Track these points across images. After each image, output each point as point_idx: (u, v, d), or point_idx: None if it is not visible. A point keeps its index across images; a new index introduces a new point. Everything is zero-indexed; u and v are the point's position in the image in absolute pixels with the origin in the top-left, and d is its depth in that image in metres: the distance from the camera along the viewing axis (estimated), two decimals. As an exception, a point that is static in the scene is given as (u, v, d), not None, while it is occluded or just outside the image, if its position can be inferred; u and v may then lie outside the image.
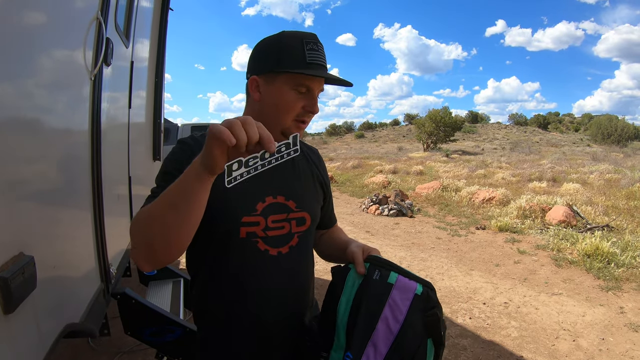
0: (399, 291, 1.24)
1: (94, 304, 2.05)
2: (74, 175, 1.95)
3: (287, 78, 1.26)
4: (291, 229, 1.37)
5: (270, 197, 1.34)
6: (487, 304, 4.81)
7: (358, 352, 1.21)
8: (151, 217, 1.06)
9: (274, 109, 1.30)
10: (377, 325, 1.22)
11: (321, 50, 1.29)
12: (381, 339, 1.21)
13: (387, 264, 1.29)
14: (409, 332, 1.20)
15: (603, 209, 9.44)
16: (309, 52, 1.25)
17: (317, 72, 1.25)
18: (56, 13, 1.69)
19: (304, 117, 1.30)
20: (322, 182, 1.56)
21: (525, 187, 13.61)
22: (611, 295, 5.03)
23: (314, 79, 1.26)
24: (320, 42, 1.31)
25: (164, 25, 4.44)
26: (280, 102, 1.28)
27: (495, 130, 78.81)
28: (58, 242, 1.73)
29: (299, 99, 1.28)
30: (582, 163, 21.56)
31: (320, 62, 1.27)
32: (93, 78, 2.09)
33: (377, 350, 1.20)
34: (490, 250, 7.00)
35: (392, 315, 1.22)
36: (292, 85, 1.26)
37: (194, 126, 15.23)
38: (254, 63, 1.33)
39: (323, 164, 1.63)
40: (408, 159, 27.85)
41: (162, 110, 4.50)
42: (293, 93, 1.27)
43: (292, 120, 1.29)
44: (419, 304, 1.22)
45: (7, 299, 1.16)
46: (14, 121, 1.35)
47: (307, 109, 1.29)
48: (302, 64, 1.24)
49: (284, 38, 1.28)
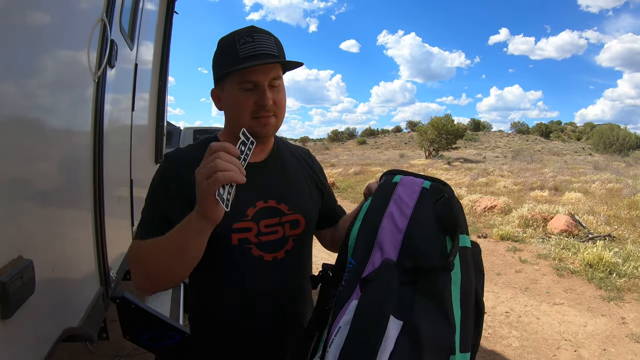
0: (404, 187, 1.13)
1: (93, 308, 2.04)
2: (75, 177, 1.94)
3: (231, 80, 1.25)
4: (285, 232, 1.35)
5: (261, 202, 1.32)
6: (488, 313, 4.78)
7: (363, 257, 1.05)
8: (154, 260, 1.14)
9: (231, 112, 1.31)
10: (382, 223, 1.07)
11: (260, 39, 1.24)
12: (387, 239, 1.03)
13: (398, 171, 1.24)
14: (419, 228, 1.03)
15: (605, 219, 9.40)
16: (242, 47, 1.23)
17: (250, 63, 1.20)
18: (61, 14, 1.68)
19: (259, 112, 1.27)
20: (317, 182, 1.54)
21: (527, 195, 13.59)
22: (613, 306, 5.00)
23: (256, 72, 1.22)
24: (261, 32, 1.27)
25: (168, 28, 4.45)
26: (233, 104, 1.28)
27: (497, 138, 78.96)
28: (58, 245, 1.72)
29: (248, 96, 1.25)
30: (583, 172, 21.51)
31: (257, 52, 1.23)
32: (97, 80, 2.08)
33: (384, 251, 1.02)
34: (492, 259, 6.96)
35: (398, 209, 1.08)
36: (238, 85, 1.25)
37: (197, 130, 15.13)
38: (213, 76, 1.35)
39: (317, 163, 1.62)
40: (410, 166, 27.85)
41: (165, 113, 4.50)
42: (241, 92, 1.25)
43: (249, 119, 1.27)
44: (427, 197, 1.08)
45: (5, 304, 1.14)
46: (16, 121, 1.34)
47: (258, 103, 1.25)
48: (236, 60, 1.22)
49: (221, 42, 1.29)
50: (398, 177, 1.18)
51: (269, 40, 1.26)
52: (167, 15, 4.43)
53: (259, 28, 1.27)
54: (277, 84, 1.29)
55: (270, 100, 1.26)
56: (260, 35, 1.25)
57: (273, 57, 1.25)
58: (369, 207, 1.17)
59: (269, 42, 1.26)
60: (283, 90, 1.33)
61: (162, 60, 4.40)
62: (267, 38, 1.26)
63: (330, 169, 23.57)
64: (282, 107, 1.32)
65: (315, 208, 1.50)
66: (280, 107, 1.31)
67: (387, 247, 1.02)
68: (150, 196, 1.28)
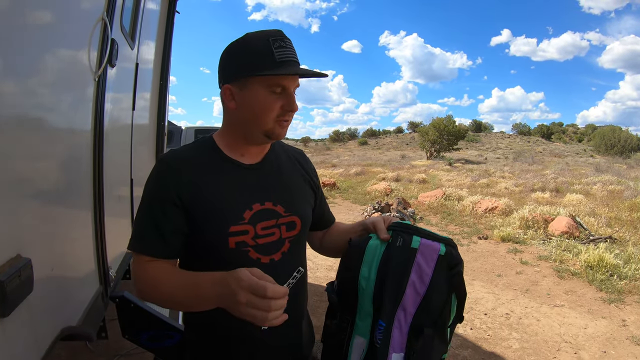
0: (422, 255, 1.29)
1: (92, 307, 2.03)
2: (75, 176, 1.94)
3: (260, 80, 1.23)
4: (281, 234, 1.34)
5: (258, 204, 1.31)
6: (489, 315, 4.78)
7: (390, 319, 1.28)
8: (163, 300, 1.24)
9: (253, 113, 1.27)
10: (406, 291, 1.28)
11: (289, 46, 1.25)
12: (410, 302, 1.28)
13: (409, 229, 1.34)
14: (435, 291, 1.27)
15: (606, 221, 9.39)
16: (278, 50, 1.21)
17: (290, 69, 1.22)
18: (62, 13, 1.68)
19: (284, 116, 1.28)
20: (311, 183, 1.54)
21: (528, 197, 13.58)
22: (613, 308, 4.99)
23: (288, 77, 1.24)
24: (288, 37, 1.27)
25: (170, 27, 4.44)
26: (258, 106, 1.26)
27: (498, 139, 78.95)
28: (57, 244, 1.71)
29: (276, 100, 1.25)
30: (585, 174, 21.50)
31: (291, 58, 1.24)
32: (97, 79, 2.08)
33: (407, 312, 1.28)
34: (492, 260, 6.96)
35: (419, 278, 1.28)
36: (267, 87, 1.24)
37: (198, 129, 15.09)
38: (224, 72, 1.30)
39: (310, 164, 1.61)
40: (411, 167, 27.85)
41: (166, 112, 4.49)
42: (269, 94, 1.24)
43: (273, 121, 1.27)
44: (443, 264, 1.28)
45: (3, 302, 1.14)
46: (15, 120, 1.34)
47: (285, 108, 1.27)
48: (273, 63, 1.21)
49: (250, 40, 1.25)
50: (416, 242, 1.30)
51: (293, 48, 1.27)
52: (168, 14, 4.42)
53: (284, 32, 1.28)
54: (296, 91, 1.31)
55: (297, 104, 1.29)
56: (289, 41, 1.26)
57: (299, 64, 1.27)
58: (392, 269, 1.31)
59: (294, 48, 1.28)
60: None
61: (163, 60, 4.40)
62: (292, 45, 1.27)
63: (331, 170, 23.57)
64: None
65: (310, 209, 1.50)
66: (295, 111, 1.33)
67: (409, 307, 1.28)
68: (146, 203, 1.28)
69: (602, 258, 6.18)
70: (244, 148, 1.36)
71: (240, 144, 1.35)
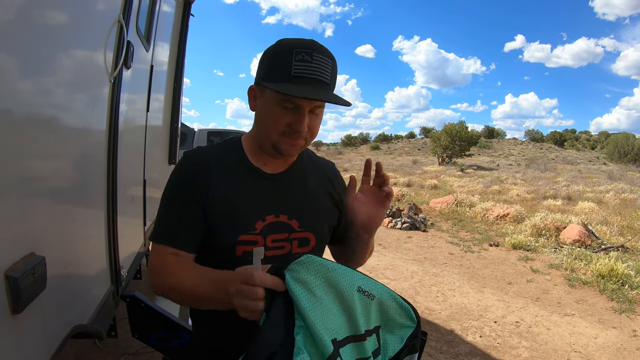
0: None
1: (103, 306, 2.05)
2: (89, 176, 1.95)
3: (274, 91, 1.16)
4: (292, 249, 1.31)
5: (272, 216, 1.28)
6: (498, 323, 4.74)
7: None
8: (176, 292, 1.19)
9: (262, 122, 1.26)
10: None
11: (317, 61, 1.14)
12: None
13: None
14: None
15: (618, 229, 9.31)
16: (297, 64, 1.12)
17: (298, 89, 1.11)
18: (79, 15, 1.70)
19: (291, 134, 1.21)
20: (337, 201, 1.46)
21: (540, 204, 13.48)
22: (624, 318, 4.94)
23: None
24: (321, 52, 1.16)
25: (184, 30, 4.48)
26: (267, 115, 1.23)
27: (511, 146, 78.53)
28: (70, 242, 1.73)
29: (284, 115, 1.18)
30: (597, 182, 21.31)
31: (311, 75, 1.13)
32: (113, 80, 2.09)
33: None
34: (503, 267, 6.91)
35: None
36: (279, 100, 1.17)
37: (210, 131, 15.10)
38: (256, 71, 1.27)
39: (340, 180, 1.53)
40: (423, 172, 27.76)
41: (179, 114, 4.53)
42: (279, 108, 1.18)
43: (278, 136, 1.22)
44: None
45: (16, 299, 1.15)
46: (32, 119, 1.35)
47: (292, 126, 1.19)
48: (286, 76, 1.13)
49: (279, 47, 1.19)
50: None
51: (326, 65, 1.16)
52: (183, 17, 4.46)
53: (321, 46, 1.17)
54: (318, 112, 1.24)
55: (306, 127, 1.19)
56: (319, 56, 1.15)
57: (325, 85, 1.16)
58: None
59: (326, 66, 1.16)
60: (321, 117, 1.27)
61: (177, 62, 4.43)
62: (325, 61, 1.16)
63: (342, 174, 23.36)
64: (315, 133, 1.26)
65: (329, 227, 1.44)
66: (313, 134, 1.25)
67: None
68: (168, 196, 1.28)
69: (614, 267, 6.12)
70: (266, 156, 1.33)
71: (262, 150, 1.32)
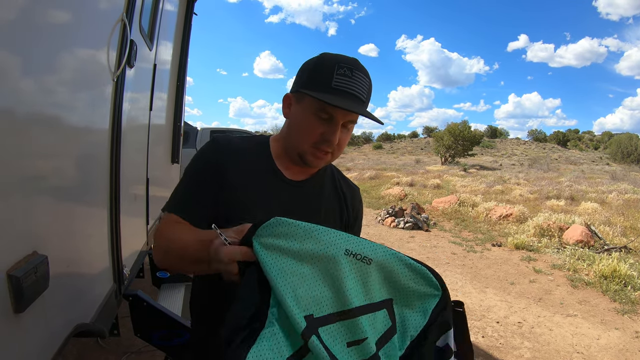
0: None
1: (106, 305, 2.05)
2: (92, 175, 1.96)
3: (312, 100, 1.19)
4: None
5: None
6: (501, 323, 4.74)
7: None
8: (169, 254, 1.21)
9: (295, 129, 1.27)
10: None
11: (357, 78, 1.18)
12: None
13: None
14: None
15: (621, 230, 9.26)
16: (338, 77, 1.16)
17: (337, 100, 1.14)
18: (82, 13, 1.70)
19: (322, 145, 1.23)
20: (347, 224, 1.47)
21: (542, 204, 13.43)
22: (627, 319, 4.92)
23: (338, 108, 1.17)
24: (361, 71, 1.20)
25: (187, 29, 4.48)
26: (301, 124, 1.24)
27: (514, 145, 78.36)
28: (73, 241, 1.73)
29: (318, 125, 1.21)
30: (600, 182, 21.20)
31: (350, 90, 1.17)
32: (116, 79, 2.10)
33: None
34: (506, 268, 6.90)
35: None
36: (315, 109, 1.20)
37: (213, 130, 15.20)
38: (294, 80, 1.29)
39: (358, 204, 1.54)
40: (425, 172, 27.65)
41: (182, 113, 4.53)
42: (314, 117, 1.21)
43: (309, 146, 1.24)
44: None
45: (19, 298, 1.16)
46: (35, 118, 1.35)
47: (324, 136, 1.21)
48: (326, 87, 1.16)
49: (321, 59, 1.22)
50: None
51: (364, 83, 1.20)
52: (186, 16, 4.46)
53: (361, 65, 1.21)
54: (350, 127, 1.26)
55: (337, 139, 1.22)
56: (359, 74, 1.19)
57: (361, 102, 1.19)
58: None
59: (364, 84, 1.20)
60: (350, 133, 1.30)
61: (180, 61, 4.44)
62: (363, 79, 1.20)
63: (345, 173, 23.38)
64: (342, 148, 1.29)
65: None
66: (341, 148, 1.27)
67: None
68: (187, 170, 1.32)
69: (616, 268, 6.10)
70: (289, 162, 1.35)
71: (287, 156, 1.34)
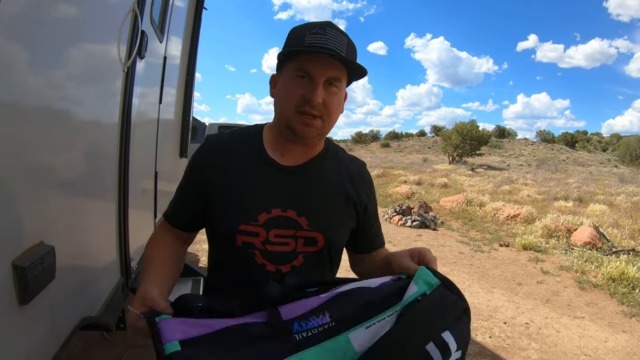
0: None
1: (112, 298, 2.04)
2: (101, 167, 1.95)
3: (290, 66, 1.19)
4: (296, 247, 1.26)
5: (279, 210, 1.24)
6: (508, 324, 4.70)
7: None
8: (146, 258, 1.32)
9: (279, 100, 1.25)
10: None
11: (330, 34, 1.14)
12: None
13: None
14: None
15: (629, 232, 9.18)
16: (310, 36, 1.14)
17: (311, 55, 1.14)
18: (94, 3, 1.69)
19: (304, 107, 1.17)
20: (356, 203, 1.37)
21: (550, 205, 13.35)
22: (635, 322, 4.87)
23: (313, 63, 1.14)
24: (335, 29, 1.17)
25: (197, 23, 4.46)
26: (283, 90, 1.22)
27: (522, 146, 77.97)
28: (81, 233, 1.72)
29: (299, 86, 1.17)
30: (609, 184, 21.08)
31: (324, 45, 1.13)
32: (126, 70, 2.08)
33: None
34: (513, 268, 6.85)
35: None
36: (292, 72, 1.18)
37: (221, 126, 15.32)
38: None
39: (366, 182, 1.44)
40: (433, 170, 27.56)
41: (191, 108, 4.53)
42: (293, 82, 1.18)
43: (293, 112, 1.19)
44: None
45: (24, 289, 1.14)
46: (44, 110, 1.34)
47: (305, 97, 1.16)
48: (299, 46, 1.15)
49: (291, 31, 1.23)
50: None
51: (341, 40, 1.16)
52: (196, 10, 4.45)
53: (335, 25, 1.18)
54: (334, 88, 1.21)
55: (320, 98, 1.16)
56: (333, 31, 1.15)
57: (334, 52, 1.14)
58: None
59: (341, 41, 1.16)
60: (339, 97, 1.24)
61: (190, 56, 4.42)
62: (339, 37, 1.16)
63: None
64: (332, 111, 1.22)
65: (346, 229, 1.37)
66: (330, 111, 1.21)
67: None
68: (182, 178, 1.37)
69: (625, 271, 6.05)
70: (284, 146, 1.30)
71: (281, 140, 1.30)
